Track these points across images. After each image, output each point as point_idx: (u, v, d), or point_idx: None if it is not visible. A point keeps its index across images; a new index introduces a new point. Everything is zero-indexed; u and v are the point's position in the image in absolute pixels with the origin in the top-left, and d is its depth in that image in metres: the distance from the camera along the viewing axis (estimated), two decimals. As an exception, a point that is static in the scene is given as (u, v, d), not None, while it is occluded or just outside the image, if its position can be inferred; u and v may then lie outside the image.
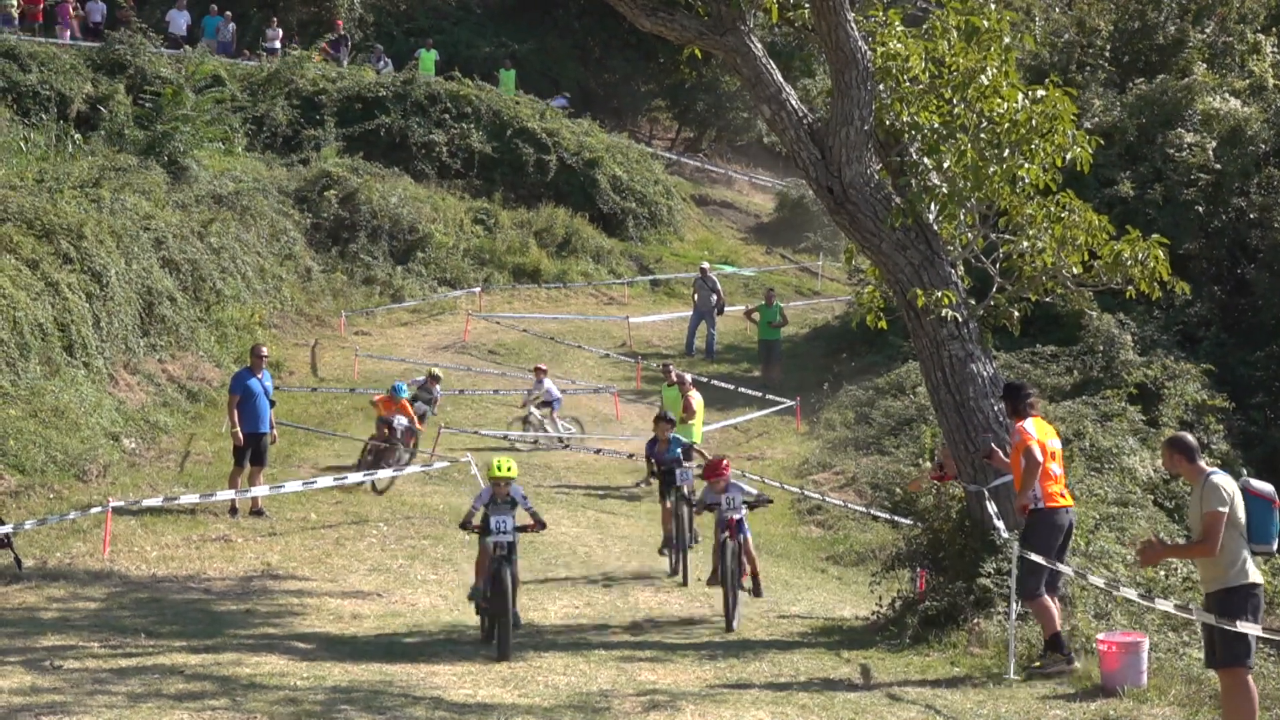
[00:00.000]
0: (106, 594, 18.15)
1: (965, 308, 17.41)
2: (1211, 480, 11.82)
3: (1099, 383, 29.55)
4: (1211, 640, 11.94)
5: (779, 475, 28.52)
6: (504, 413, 32.02)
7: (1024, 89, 17.46)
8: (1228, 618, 11.70)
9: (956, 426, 17.18)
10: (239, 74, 46.21)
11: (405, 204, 42.41)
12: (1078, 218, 17.59)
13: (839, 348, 37.67)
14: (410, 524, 22.97)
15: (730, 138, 63.63)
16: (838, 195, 17.41)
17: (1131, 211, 31.42)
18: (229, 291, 33.49)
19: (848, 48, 17.09)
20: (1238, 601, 11.83)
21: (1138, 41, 39.38)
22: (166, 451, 26.30)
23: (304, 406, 30.61)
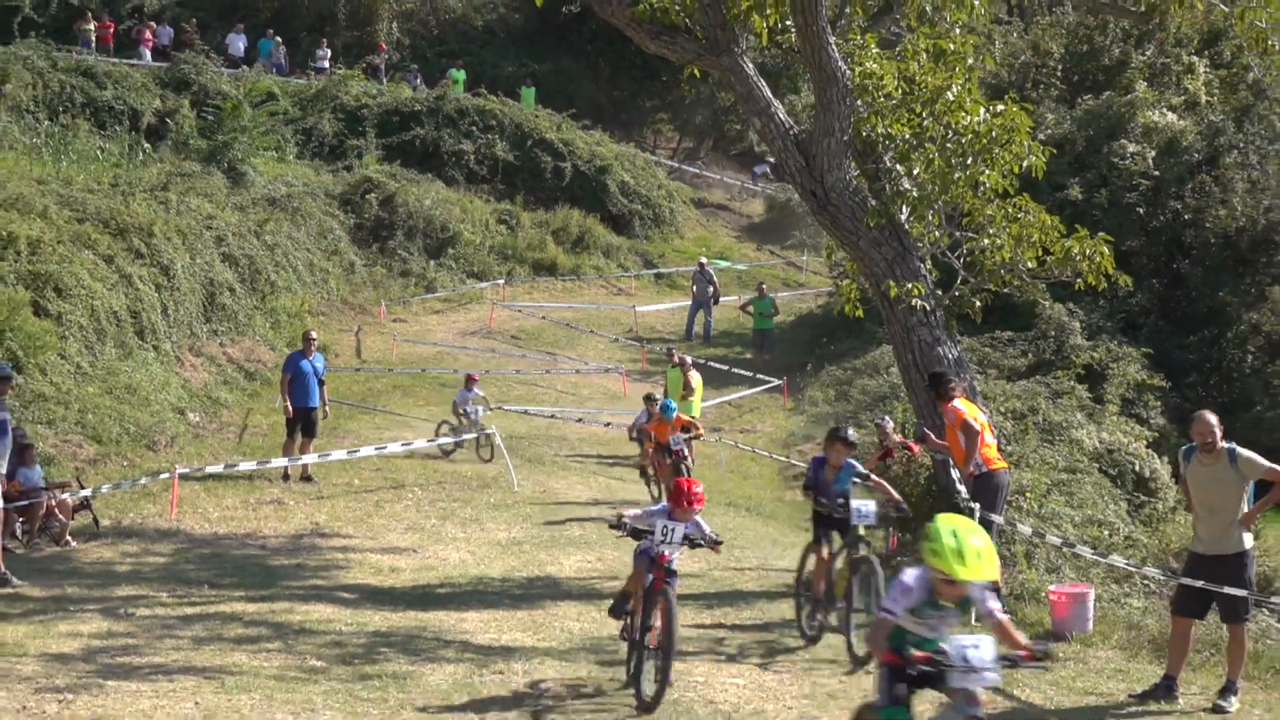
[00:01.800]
0: (174, 550, 18.19)
1: (933, 298, 17.40)
2: (1243, 451, 11.90)
3: (1050, 364, 29.52)
4: (1228, 598, 11.88)
5: (768, 446, 28.55)
6: (524, 391, 32.01)
7: (985, 104, 17.42)
8: (1242, 578, 11.78)
9: (926, 402, 17.18)
10: (290, 90, 46.18)
11: (437, 206, 42.40)
12: (1032, 218, 17.58)
13: (821, 333, 37.64)
14: (442, 488, 22.99)
15: (725, 147, 63.50)
16: (820, 198, 17.40)
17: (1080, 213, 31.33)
18: (281, 283, 33.49)
19: (829, 68, 17.07)
20: (1250, 563, 11.92)
21: (1086, 63, 39.31)
22: (226, 424, 26.32)
23: (348, 385, 30.61)
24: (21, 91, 39.53)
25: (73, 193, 29.19)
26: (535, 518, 20.97)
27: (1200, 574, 11.92)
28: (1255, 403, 31.53)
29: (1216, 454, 11.94)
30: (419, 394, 30.96)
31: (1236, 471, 11.80)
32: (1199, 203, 34.08)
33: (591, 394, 32.58)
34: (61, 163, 34.79)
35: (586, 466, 26.46)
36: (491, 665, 12.62)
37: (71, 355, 24.09)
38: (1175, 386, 30.62)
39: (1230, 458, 11.84)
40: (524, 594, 16.22)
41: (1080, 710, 11.56)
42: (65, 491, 18.86)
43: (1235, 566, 11.82)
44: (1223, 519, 11.94)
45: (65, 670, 11.85)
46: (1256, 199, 33.79)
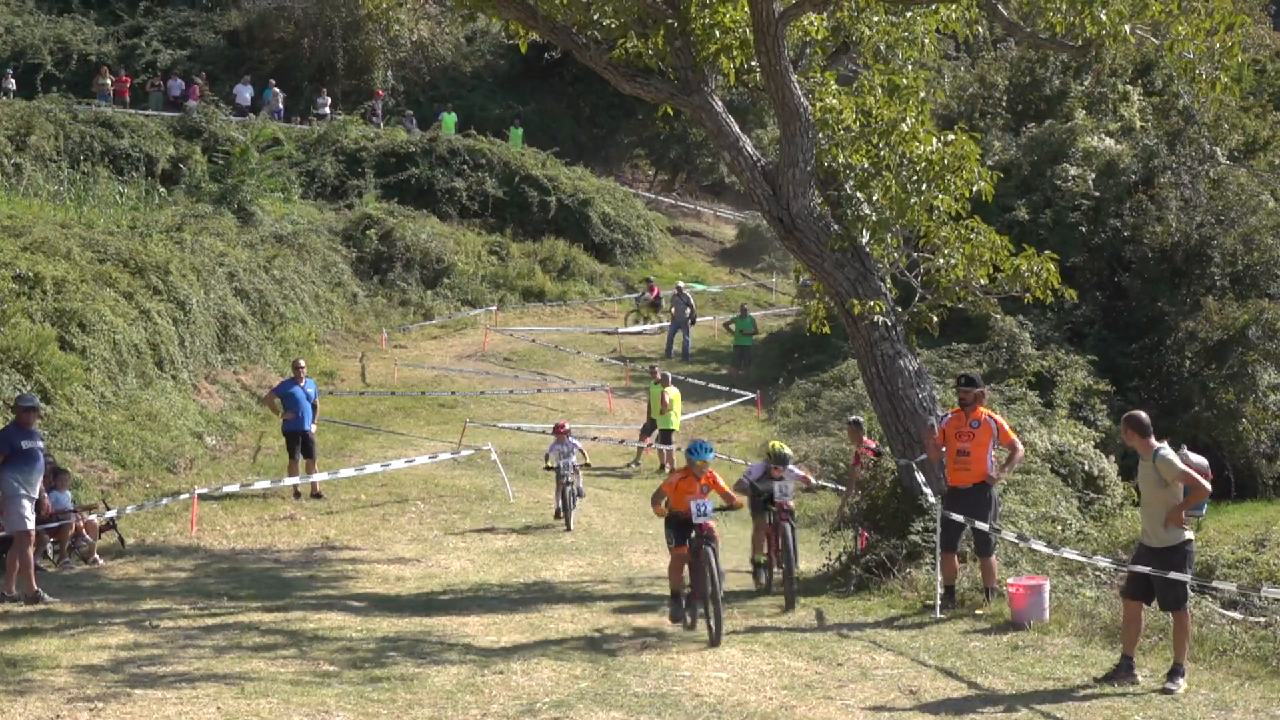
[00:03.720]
0: (194, 565, 18.10)
1: (893, 314, 17.41)
2: (1165, 452, 11.84)
3: (1004, 373, 29.59)
4: (1165, 587, 11.87)
5: (744, 454, 28.50)
6: (517, 409, 31.94)
7: (937, 134, 17.44)
8: (1180, 570, 11.75)
9: (888, 411, 17.19)
10: (294, 136, 46.23)
11: (433, 239, 42.41)
12: (983, 239, 17.59)
13: (791, 349, 37.67)
14: (443, 502, 22.92)
15: (698, 179, 63.60)
16: (787, 224, 17.40)
17: (1027, 232, 31.46)
18: (290, 314, 33.45)
19: (792, 103, 17.08)
20: (1187, 556, 11.89)
21: (1029, 93, 39.47)
22: (241, 447, 26.22)
23: (353, 407, 30.53)
24: (45, 142, 39.46)
25: (94, 235, 29.11)
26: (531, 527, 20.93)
27: (1144, 562, 11.93)
28: (1193, 404, 31.65)
29: (1146, 454, 11.97)
30: (420, 414, 30.91)
31: (1157, 473, 11.82)
32: (1137, 220, 34.22)
33: (579, 410, 32.52)
34: (83, 207, 34.70)
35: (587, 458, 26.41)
36: (492, 666, 12.56)
37: (96, 386, 24.00)
38: (1120, 390, 30.71)
39: (1154, 459, 11.86)
40: (521, 598, 16.17)
41: (1040, 693, 11.54)
42: (92, 513, 18.76)
43: (1173, 558, 11.82)
44: (1153, 514, 11.96)
45: (95, 680, 11.76)
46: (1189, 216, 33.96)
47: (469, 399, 32.29)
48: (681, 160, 61.90)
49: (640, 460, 27.96)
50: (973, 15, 18.17)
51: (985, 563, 15.08)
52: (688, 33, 17.55)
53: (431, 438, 28.25)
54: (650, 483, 26.11)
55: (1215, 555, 19.05)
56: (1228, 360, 31.79)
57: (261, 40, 55.16)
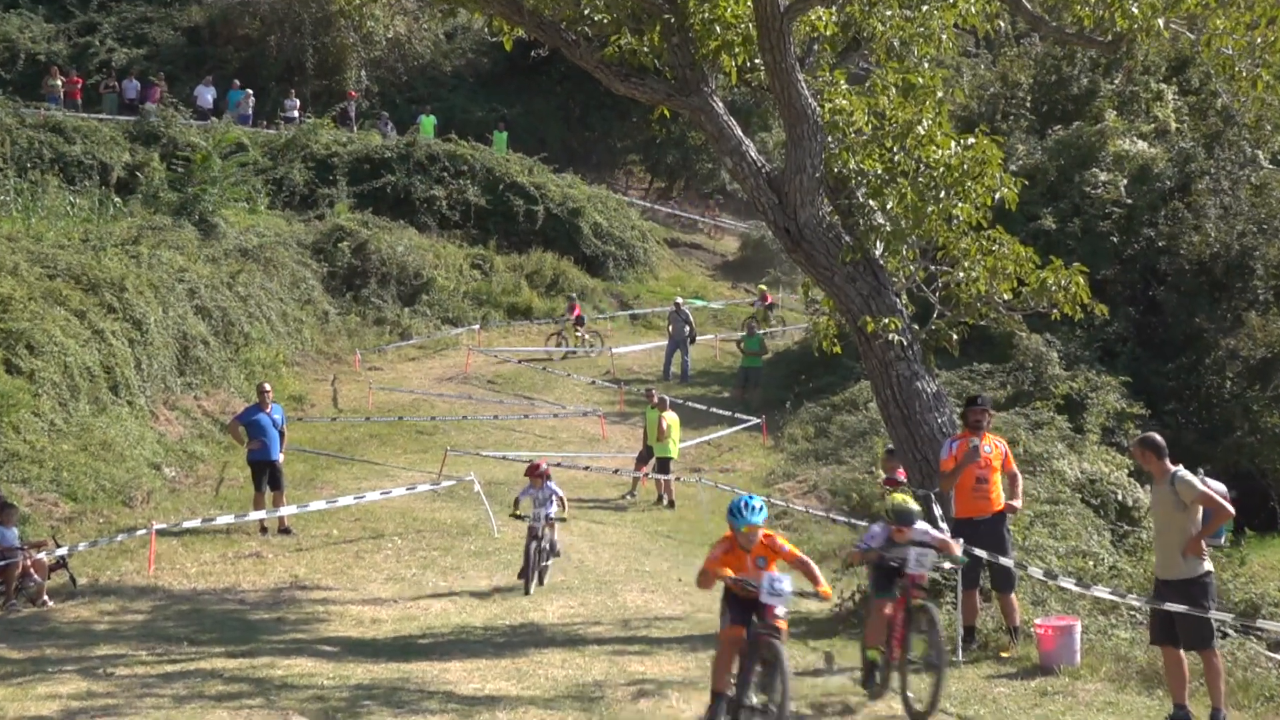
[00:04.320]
0: (152, 607, 18.06)
1: (910, 332, 17.43)
2: (1183, 474, 11.85)
3: (1030, 395, 29.54)
4: (1187, 625, 11.83)
5: (748, 485, 28.47)
6: (502, 436, 31.92)
7: (956, 137, 17.49)
8: (1200, 604, 11.71)
9: (905, 437, 17.20)
10: (260, 141, 46.17)
11: (410, 252, 42.39)
12: (1007, 250, 17.62)
13: (799, 370, 37.64)
14: (421, 537, 22.88)
15: (698, 186, 63.66)
16: (794, 235, 17.42)
17: (1054, 243, 31.44)
18: (255, 334, 33.42)
19: (799, 105, 17.12)
20: (1207, 589, 11.86)
21: (1055, 92, 39.51)
22: (203, 478, 26.19)
23: (325, 435, 30.50)
24: (-11, 149, 39.51)
25: (43, 249, 29.12)
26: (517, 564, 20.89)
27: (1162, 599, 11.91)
28: (1235, 428, 31.58)
29: (1162, 478, 11.96)
30: (396, 442, 30.86)
31: (1175, 495, 11.81)
32: (1172, 229, 34.21)
33: (570, 437, 32.51)
34: (31, 219, 34.68)
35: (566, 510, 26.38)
36: (476, 716, 12.54)
37: (45, 413, 23.98)
38: (1155, 414, 30.63)
39: (1171, 482, 11.85)
40: (507, 642, 16.14)
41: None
42: (41, 551, 18.73)
43: (1192, 592, 11.79)
44: (1168, 543, 11.95)
45: (44, 733, 11.74)
46: (1230, 224, 33.93)
47: (450, 425, 32.26)
48: (679, 166, 62.00)
49: (636, 491, 27.93)
50: (993, 9, 18.24)
51: (1005, 600, 15.08)
52: (686, 28, 17.59)
53: (409, 467, 28.21)
54: (648, 515, 26.15)
55: (1261, 593, 19.00)
56: (1273, 380, 31.75)
57: (225, 38, 55.22)
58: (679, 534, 24.73)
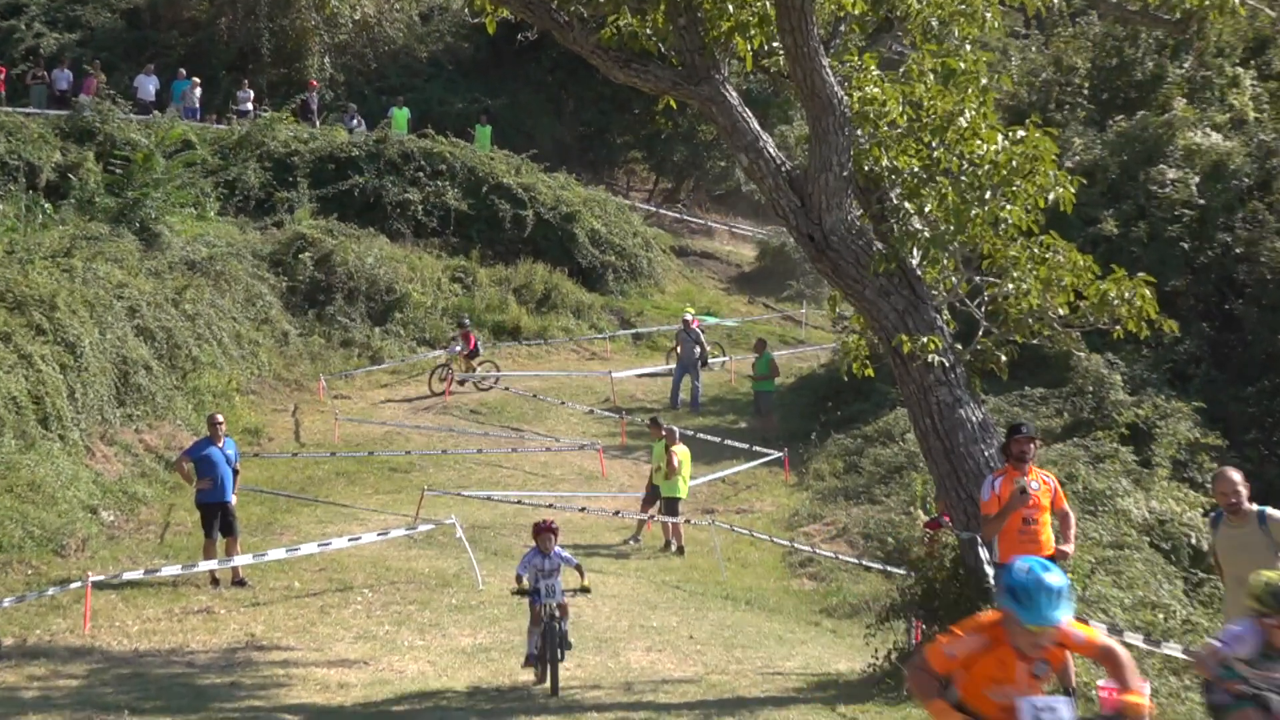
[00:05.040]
0: (88, 671, 18.04)
1: (952, 352, 17.43)
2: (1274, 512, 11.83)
3: (1090, 424, 29.52)
4: None
5: (768, 528, 28.49)
6: (487, 473, 31.94)
7: (1003, 130, 17.51)
8: None
9: (947, 473, 17.17)
10: (209, 137, 46.21)
11: (381, 264, 42.39)
12: (1062, 258, 17.62)
13: (825, 396, 37.63)
14: (395, 589, 22.88)
15: (709, 187, 63.76)
16: (819, 242, 17.45)
17: (1116, 250, 31.49)
18: (205, 358, 33.45)
19: (824, 93, 17.16)
20: None
21: (1116, 78, 39.59)
22: (146, 523, 26.20)
23: (284, 473, 30.52)
24: (-101, 149, 39.60)
25: (-38, 263, 29.20)
26: (504, 620, 20.88)
27: None
28: (1325, 461, 31.55)
29: (1244, 516, 11.93)
30: (366, 481, 30.88)
31: (1267, 535, 11.78)
32: (1252, 234, 34.19)
33: (565, 474, 32.52)
34: (-53, 228, 34.79)
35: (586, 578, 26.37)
36: (458, 793, 12.53)
37: (-36, 449, 24.02)
38: (1233, 445, 30.57)
39: (1260, 520, 11.83)
40: (494, 709, 16.14)
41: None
42: (-40, 607, 18.75)
43: None
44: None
45: (-35, 816, 11.74)
46: (1318, 228, 33.93)
47: (427, 461, 32.28)
48: (688, 165, 62.06)
49: (640, 536, 27.92)
50: (1045, -17, 18.28)
51: None
52: (694, 7, 17.65)
53: (381, 510, 28.22)
54: (654, 564, 26.12)
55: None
56: (1368, 407, 31.78)
57: (168, 21, 55.43)
58: (689, 584, 24.71)
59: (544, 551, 17.37)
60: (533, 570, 17.40)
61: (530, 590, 17.30)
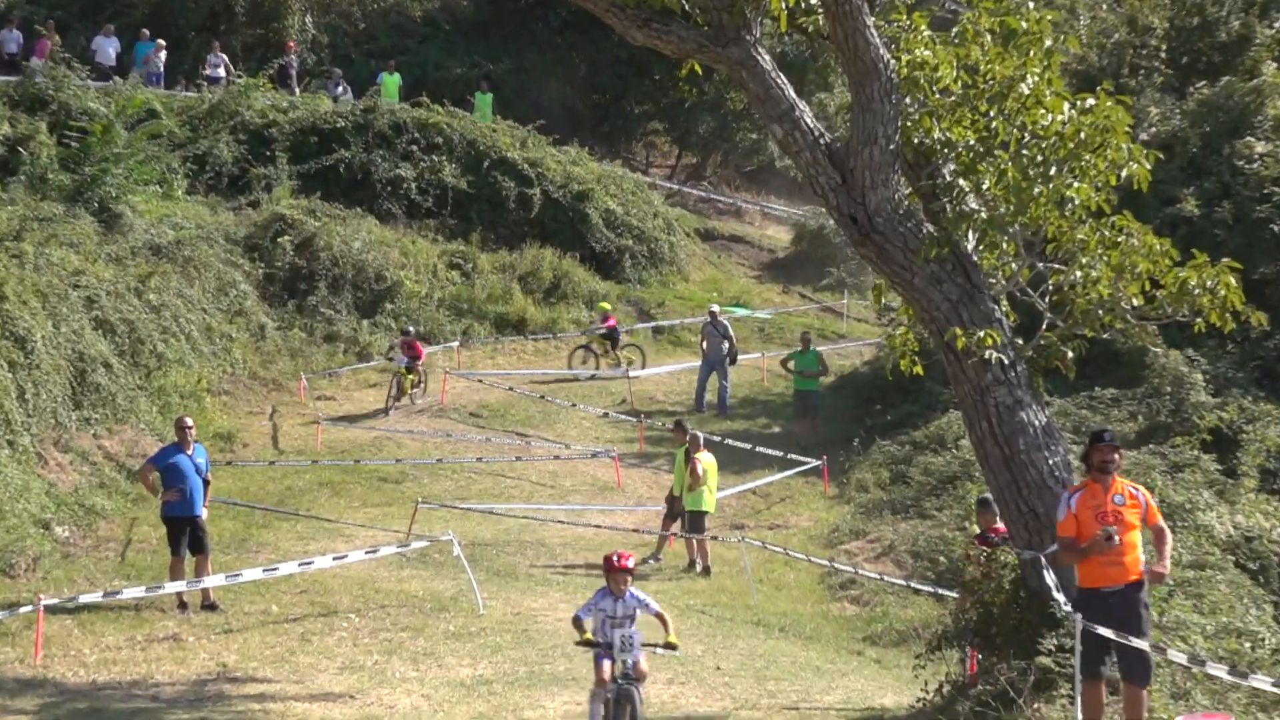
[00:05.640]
0: (39, 705, 18.08)
1: (1012, 348, 17.41)
2: None
3: (1167, 429, 29.49)
4: None
5: (805, 546, 28.49)
6: (489, 484, 31.95)
7: (1070, 98, 17.48)
8: None
9: (1007, 484, 17.14)
10: (176, 106, 46.17)
11: (370, 249, 42.42)
12: (1136, 242, 17.59)
13: (869, 398, 37.66)
14: (385, 614, 22.90)
15: (738, 162, 63.80)
16: (862, 224, 17.43)
17: (1197, 233, 31.44)
18: (172, 355, 33.48)
19: (868, 57, 17.14)
20: None
21: (1197, 40, 39.50)
22: (105, 540, 26.24)
23: (261, 484, 30.56)
24: None
25: (-100, 247, 29.28)
26: (508, 648, 20.92)
27: None
28: None
29: None
30: (352, 492, 30.92)
31: None
32: (1352, 215, 34.15)
33: (576, 486, 32.54)
34: (-117, 209, 34.87)
35: (572, 580, 26.40)
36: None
37: (-98, 456, 24.11)
38: (1330, 451, 30.56)
39: None
40: (496, 749, 16.16)
41: None
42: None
43: None
44: None
45: None
46: None
47: (421, 471, 32.30)
48: (715, 138, 62.11)
49: (661, 555, 27.92)
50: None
51: (1134, 693, 15.00)
52: (722, -42, 17.64)
53: (369, 525, 28.26)
54: (676, 585, 26.12)
55: None
56: None
57: (130, -25, 55.52)
58: (716, 609, 24.71)
59: (616, 593, 15.58)
60: (598, 616, 15.58)
61: (598, 643, 15.42)
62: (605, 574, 15.74)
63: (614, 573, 15.56)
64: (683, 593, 25.83)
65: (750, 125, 58.31)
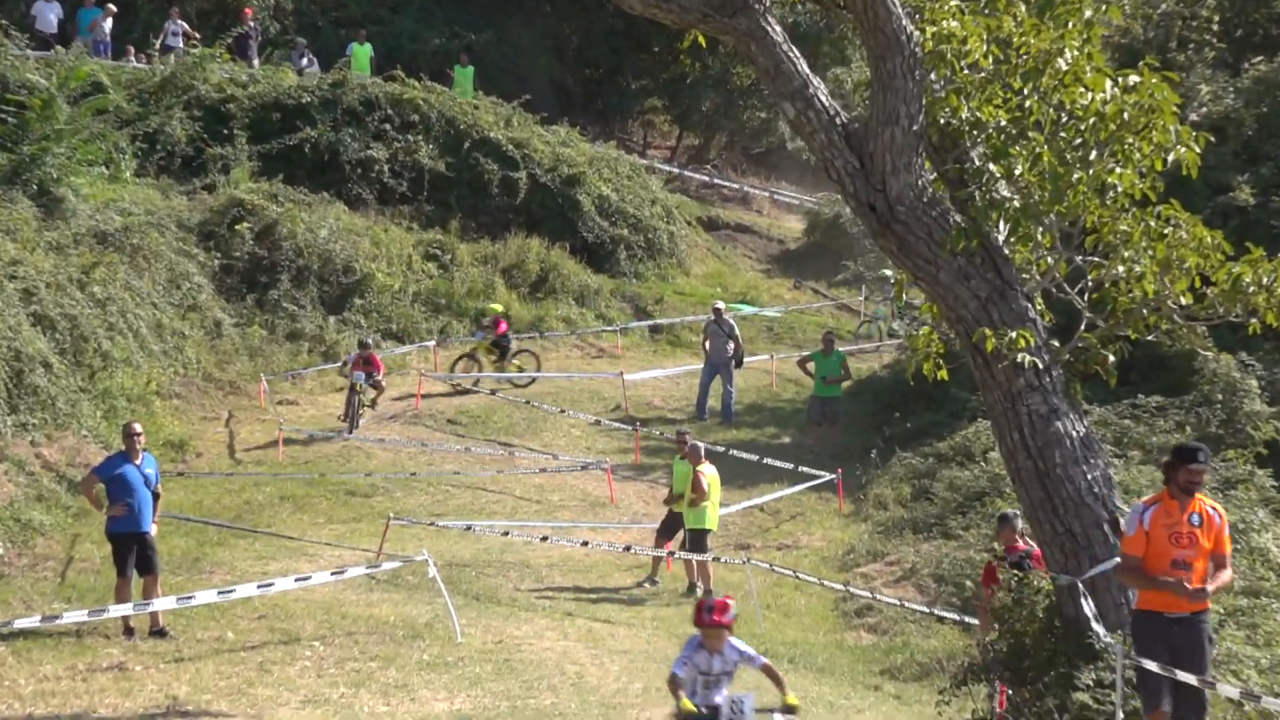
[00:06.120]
0: (-29, 741, 18.10)
1: (1047, 351, 17.42)
2: None
3: (1219, 441, 29.45)
4: None
5: (818, 568, 28.50)
6: (468, 498, 31.94)
7: (1112, 74, 17.49)
8: None
9: (1040, 501, 17.13)
10: (125, 79, 46.06)
11: (337, 238, 42.40)
12: (1185, 234, 17.59)
13: (889, 405, 37.65)
14: (353, 641, 22.88)
15: (745, 144, 63.84)
16: (882, 213, 17.43)
17: (1253, 224, 31.46)
18: (118, 354, 33.46)
19: (889, 28, 17.13)
20: None
21: (1253, 11, 39.55)
22: (43, 558, 26.23)
23: (217, 497, 30.54)
24: None
25: None
26: (488, 680, 20.91)
27: None
28: None
29: None
30: (317, 507, 30.90)
31: None
32: None
33: (564, 500, 32.52)
34: None
35: (559, 604, 26.40)
36: None
37: None
38: (1398, 467, 30.58)
39: None
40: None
41: None
42: None
43: None
44: None
45: None
46: None
47: (394, 484, 32.29)
48: (719, 117, 62.15)
49: (659, 577, 27.91)
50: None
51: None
52: (728, -81, 17.64)
53: (336, 543, 28.26)
54: (674, 611, 26.10)
55: None
56: None
57: (73, -67, 55.52)
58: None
59: (712, 649, 14.25)
60: (691, 672, 14.18)
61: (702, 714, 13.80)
62: (700, 624, 14.34)
63: (711, 625, 14.19)
64: (682, 619, 25.74)
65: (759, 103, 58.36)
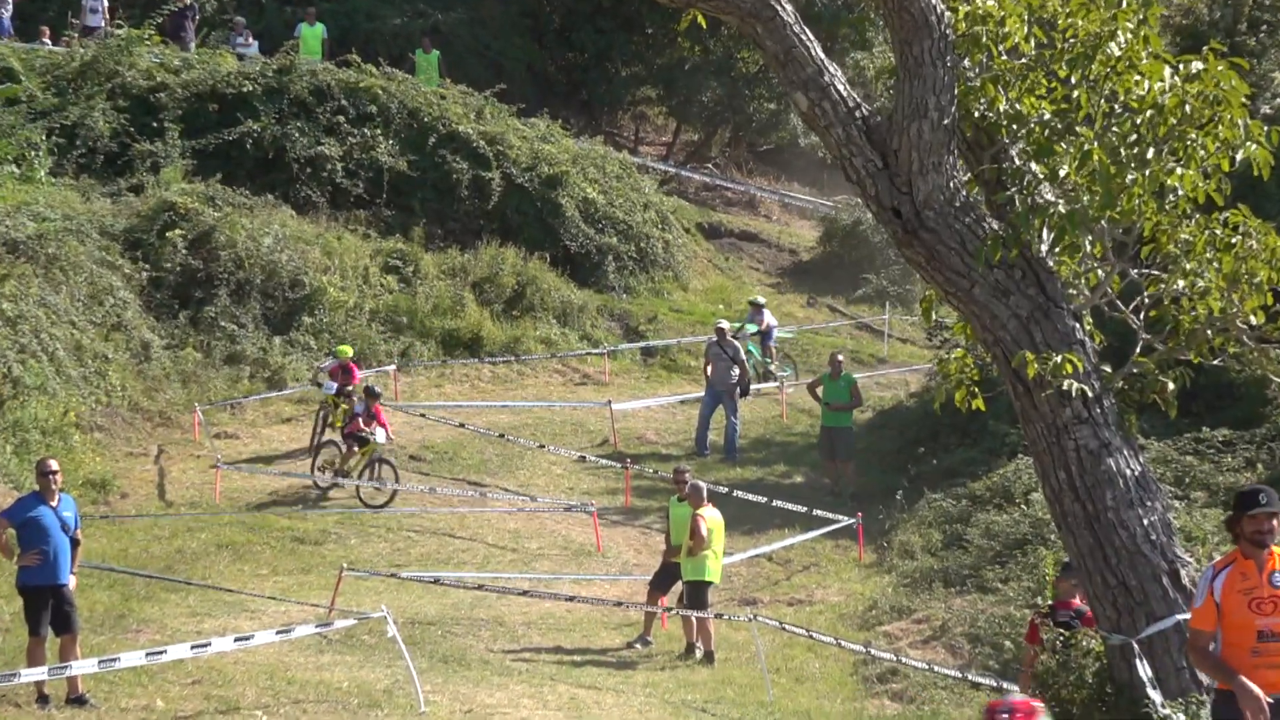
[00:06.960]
0: None
1: (1097, 377, 17.47)
2: None
3: (1293, 480, 29.61)
4: None
5: (834, 626, 28.52)
6: (434, 546, 31.96)
7: (1172, 61, 17.56)
8: None
9: (1090, 549, 17.17)
10: (39, 65, 46.14)
11: (284, 247, 42.33)
12: (1255, 244, 17.64)
13: (916, 439, 37.67)
14: (301, 710, 22.89)
15: (752, 140, 63.91)
16: (908, 219, 17.48)
17: (1333, 233, 31.54)
18: (31, 380, 33.48)
19: (917, 7, 17.21)
20: None
21: (1335, -12, 39.70)
22: (-54, 614, 26.30)
23: (144, 544, 30.55)
24: None
25: None
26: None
27: None
28: None
29: None
30: (260, 555, 30.89)
31: None
32: None
33: (544, 548, 32.55)
34: None
35: (538, 668, 26.44)
36: None
37: None
38: None
39: None
40: None
41: None
42: None
43: None
44: None
45: None
46: None
47: (348, 529, 32.31)
48: (722, 109, 62.24)
49: (651, 636, 27.92)
50: None
51: None
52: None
53: (281, 597, 28.27)
54: (670, 676, 26.13)
55: None
56: None
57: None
58: (721, 706, 24.71)
59: None
60: None
61: None
62: None
63: None
64: (678, 685, 25.81)
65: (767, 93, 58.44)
